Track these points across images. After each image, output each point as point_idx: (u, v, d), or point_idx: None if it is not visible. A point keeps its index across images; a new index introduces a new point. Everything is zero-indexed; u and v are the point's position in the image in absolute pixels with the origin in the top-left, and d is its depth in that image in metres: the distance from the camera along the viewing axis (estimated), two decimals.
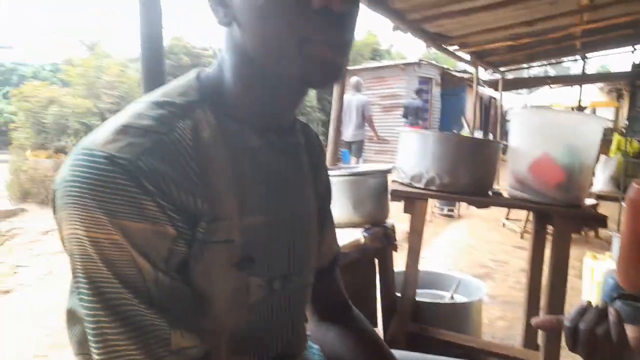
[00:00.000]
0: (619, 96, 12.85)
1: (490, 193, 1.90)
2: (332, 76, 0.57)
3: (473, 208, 5.09)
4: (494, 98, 12.95)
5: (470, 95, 11.54)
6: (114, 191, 0.47)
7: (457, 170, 1.73)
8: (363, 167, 2.24)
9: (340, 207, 1.79)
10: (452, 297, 2.30)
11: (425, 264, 3.95)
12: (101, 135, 0.51)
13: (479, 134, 11.06)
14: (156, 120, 0.53)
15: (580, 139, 1.72)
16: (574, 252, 3.07)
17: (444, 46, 5.20)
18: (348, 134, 7.18)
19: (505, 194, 1.90)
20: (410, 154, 1.83)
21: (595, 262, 2.65)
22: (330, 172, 0.87)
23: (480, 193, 1.80)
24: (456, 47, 5.78)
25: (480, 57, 6.95)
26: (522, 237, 5.27)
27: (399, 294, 1.96)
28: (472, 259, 4.19)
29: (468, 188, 1.75)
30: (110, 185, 0.47)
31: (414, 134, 1.90)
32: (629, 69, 9.97)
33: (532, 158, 1.75)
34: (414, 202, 1.77)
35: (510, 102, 15.67)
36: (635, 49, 8.66)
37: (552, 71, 24.65)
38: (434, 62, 12.66)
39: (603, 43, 7.41)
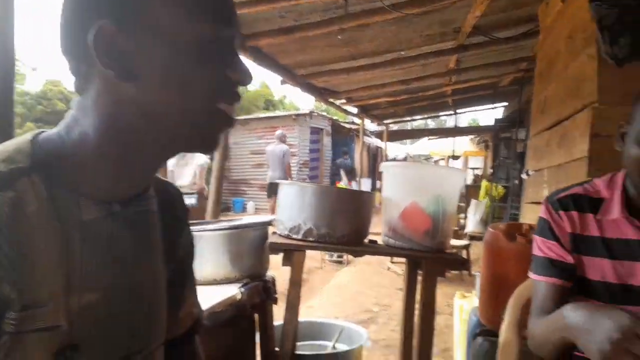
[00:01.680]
0: (487, 147, 14.52)
1: (366, 241, 1.99)
2: (220, 140, 0.58)
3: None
4: (380, 147, 13.84)
5: (358, 145, 12.24)
6: None
7: (335, 221, 1.78)
8: (244, 219, 2.22)
9: (216, 263, 1.73)
10: (334, 347, 2.31)
11: (313, 313, 3.95)
12: None
13: (367, 182, 11.68)
14: None
15: (444, 190, 1.89)
16: (450, 290, 3.31)
17: (331, 100, 5.50)
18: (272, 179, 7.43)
19: (380, 242, 1.99)
20: (290, 206, 1.85)
21: (463, 300, 2.84)
22: (206, 227, 0.83)
23: (356, 242, 1.87)
24: (343, 100, 6.16)
25: (366, 111, 7.47)
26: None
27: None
28: (358, 304, 4.30)
29: (345, 238, 1.80)
30: None
31: (293, 186, 1.94)
32: (493, 123, 11.40)
33: (402, 207, 1.87)
34: (292, 254, 1.78)
35: (396, 151, 16.89)
36: (495, 107, 9.95)
37: (432, 124, 27.10)
38: (324, 114, 13.30)
39: (470, 101, 8.42)
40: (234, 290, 1.66)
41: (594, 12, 1.70)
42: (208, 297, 1.54)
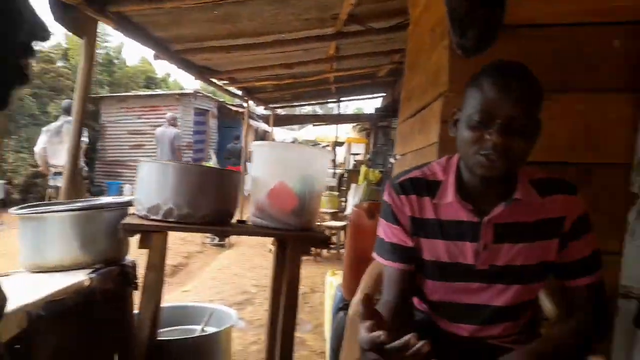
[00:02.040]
0: (367, 134, 15.28)
1: (234, 221, 1.95)
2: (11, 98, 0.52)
3: (244, 236, 5.16)
4: (268, 132, 13.81)
5: (247, 128, 12.06)
6: None
7: (197, 201, 1.71)
8: (100, 200, 2.05)
9: (63, 247, 1.58)
10: (203, 330, 2.26)
11: (188, 297, 3.84)
12: None
13: None
14: None
15: (311, 170, 1.92)
16: (328, 269, 3.43)
17: (213, 80, 5.31)
18: None
19: (249, 222, 1.97)
20: (149, 185, 1.74)
21: (333, 277, 2.97)
22: (52, 208, 0.72)
23: (221, 222, 1.83)
24: (226, 81, 5.98)
25: (251, 93, 7.36)
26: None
27: None
28: (237, 286, 4.27)
29: (208, 218, 1.75)
30: None
31: (153, 164, 1.82)
32: (373, 112, 11.99)
33: (270, 186, 1.87)
34: (149, 235, 1.68)
35: (284, 135, 16.99)
36: (375, 97, 10.46)
37: (320, 111, 27.65)
38: (210, 95, 12.84)
39: (352, 89, 8.73)
40: (80, 277, 1.52)
41: (447, 4, 1.82)
42: (49, 284, 1.39)
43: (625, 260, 1.66)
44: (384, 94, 9.68)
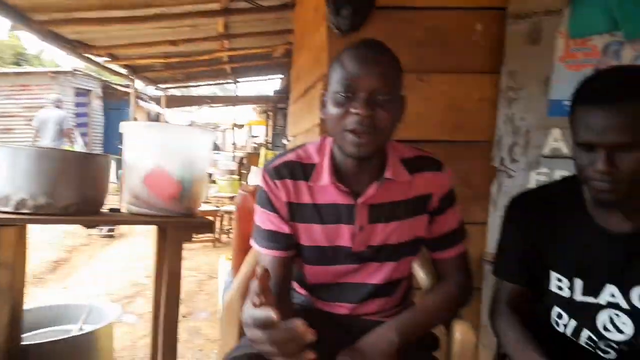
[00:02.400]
0: (268, 116, 15.18)
1: (106, 210, 1.80)
2: None
3: (137, 225, 4.84)
4: (162, 114, 13.09)
5: (136, 110, 11.28)
6: None
7: (57, 189, 1.53)
8: None
9: None
10: (80, 329, 2.07)
11: (72, 294, 3.53)
12: None
13: None
14: None
15: (191, 151, 1.81)
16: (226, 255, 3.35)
17: (87, 56, 4.83)
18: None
19: (124, 210, 1.83)
20: None
21: (227, 262, 2.91)
22: None
23: (89, 212, 1.67)
24: (106, 58, 5.49)
25: (137, 72, 6.85)
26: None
27: None
28: (126, 279, 4.01)
29: (72, 208, 1.58)
30: None
31: (2, 149, 1.60)
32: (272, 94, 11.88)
33: (145, 171, 1.74)
34: None
35: (180, 118, 16.23)
36: (273, 78, 10.34)
37: (220, 92, 26.74)
38: (93, 74, 11.77)
39: (248, 70, 8.52)
40: None
41: None
42: None
43: (489, 229, 1.82)
44: (282, 76, 9.62)
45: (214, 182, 8.96)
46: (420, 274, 1.38)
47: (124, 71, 6.60)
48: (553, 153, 1.65)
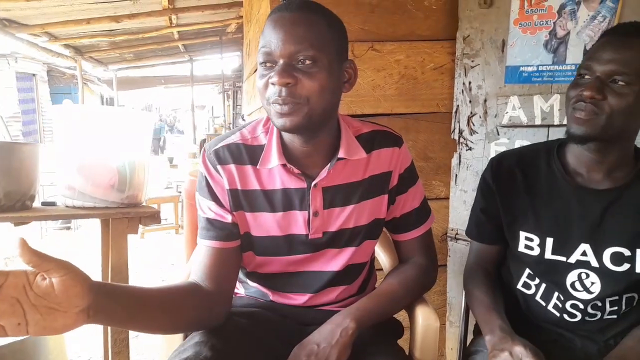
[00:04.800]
0: (228, 96, 14.80)
1: (38, 205, 1.64)
2: None
3: None
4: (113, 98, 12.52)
5: (87, 94, 10.73)
6: None
7: None
8: None
9: None
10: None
11: None
12: None
13: None
14: None
15: (130, 136, 1.66)
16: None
17: (19, 35, 4.46)
18: None
19: (60, 204, 1.67)
20: None
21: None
22: None
23: (17, 207, 1.51)
24: (43, 38, 5.11)
25: (81, 53, 6.46)
26: (142, 237, 5.25)
27: None
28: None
29: None
30: None
31: None
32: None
33: (80, 160, 1.58)
34: None
35: (135, 101, 15.61)
36: (230, 55, 10.01)
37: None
38: (35, 57, 11.03)
39: (201, 47, 8.19)
40: None
41: None
42: None
43: (451, 204, 1.76)
44: (239, 53, 9.32)
45: (175, 166, 8.66)
46: (382, 257, 1.30)
47: (66, 52, 6.19)
48: (512, 122, 1.59)
